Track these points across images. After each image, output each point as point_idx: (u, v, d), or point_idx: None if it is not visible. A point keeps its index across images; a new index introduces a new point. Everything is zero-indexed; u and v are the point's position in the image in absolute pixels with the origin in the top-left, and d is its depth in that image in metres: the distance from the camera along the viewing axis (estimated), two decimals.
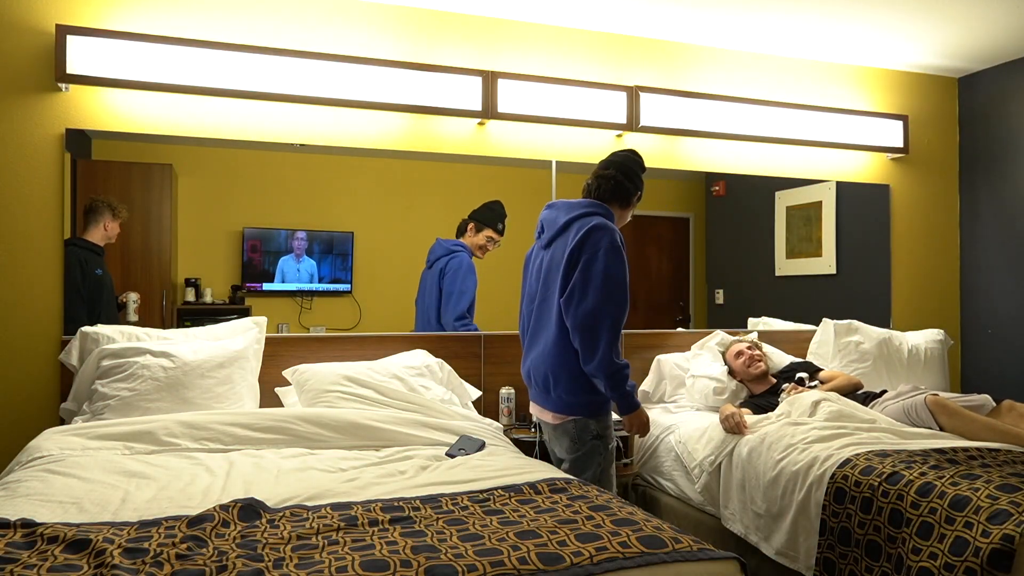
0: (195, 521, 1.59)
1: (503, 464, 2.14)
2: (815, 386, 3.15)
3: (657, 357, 3.48)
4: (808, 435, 2.54)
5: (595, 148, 3.59)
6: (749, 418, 2.86)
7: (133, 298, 2.98)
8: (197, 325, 2.94)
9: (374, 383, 2.73)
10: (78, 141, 2.89)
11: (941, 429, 2.64)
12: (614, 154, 2.52)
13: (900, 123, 4.07)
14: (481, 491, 1.86)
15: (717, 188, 3.97)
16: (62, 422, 2.69)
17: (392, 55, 3.24)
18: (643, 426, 2.38)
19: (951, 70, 4.23)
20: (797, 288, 4.12)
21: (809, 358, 3.69)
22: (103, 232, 2.92)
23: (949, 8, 3.36)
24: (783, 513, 2.44)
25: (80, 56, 2.74)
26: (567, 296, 2.27)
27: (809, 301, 4.08)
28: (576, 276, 2.26)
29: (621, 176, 2.45)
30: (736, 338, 3.46)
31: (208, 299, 3.13)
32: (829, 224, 4.07)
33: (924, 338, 3.77)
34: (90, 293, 2.89)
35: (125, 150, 2.98)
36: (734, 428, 2.79)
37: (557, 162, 3.52)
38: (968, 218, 4.31)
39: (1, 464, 2.53)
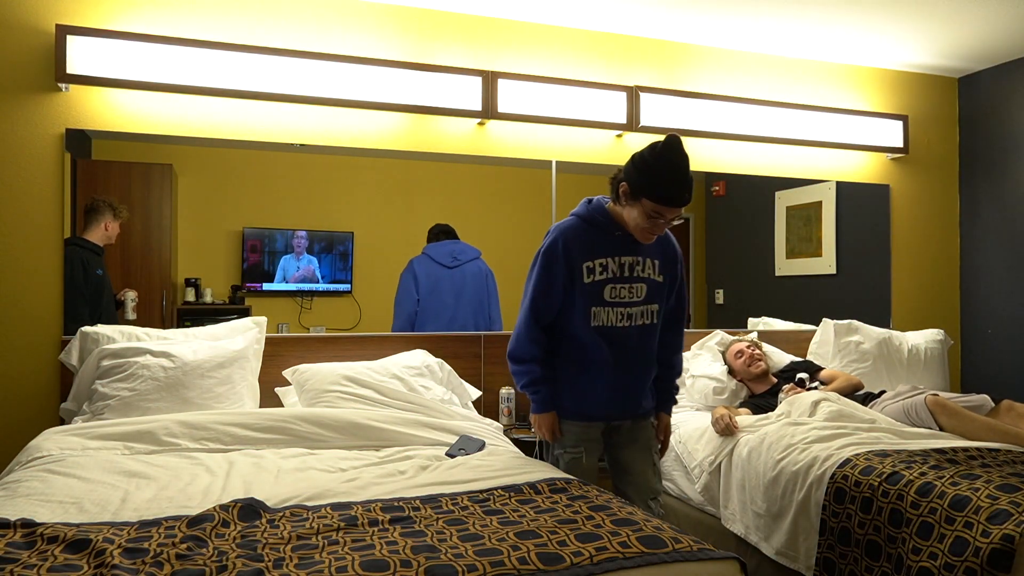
0: (195, 521, 1.59)
1: (503, 464, 2.14)
2: (815, 387, 3.15)
3: None
4: (808, 435, 2.54)
5: (595, 148, 3.59)
6: (747, 418, 2.86)
7: (131, 296, 2.97)
8: (197, 325, 2.94)
9: (374, 383, 2.73)
10: (78, 141, 2.89)
11: (941, 429, 2.63)
12: None
13: (900, 123, 4.07)
14: (481, 491, 1.86)
15: (717, 188, 3.97)
16: (62, 422, 2.69)
17: (392, 55, 3.24)
18: (543, 428, 2.27)
19: (951, 70, 4.23)
20: (797, 288, 4.12)
21: (809, 358, 3.69)
22: (103, 232, 2.91)
23: (949, 8, 3.36)
24: (783, 513, 2.44)
25: (80, 56, 2.74)
26: None
27: (809, 301, 4.07)
28: None
29: (618, 171, 2.20)
30: (736, 338, 3.45)
31: (208, 299, 3.13)
32: (829, 224, 4.06)
33: (924, 338, 3.76)
34: (91, 293, 2.89)
35: (125, 150, 2.98)
36: (725, 430, 2.79)
37: (557, 162, 3.52)
38: (968, 218, 4.30)
39: (1, 464, 2.53)
